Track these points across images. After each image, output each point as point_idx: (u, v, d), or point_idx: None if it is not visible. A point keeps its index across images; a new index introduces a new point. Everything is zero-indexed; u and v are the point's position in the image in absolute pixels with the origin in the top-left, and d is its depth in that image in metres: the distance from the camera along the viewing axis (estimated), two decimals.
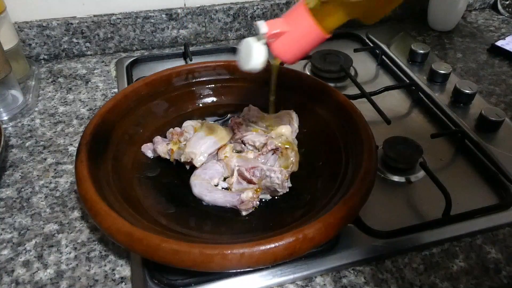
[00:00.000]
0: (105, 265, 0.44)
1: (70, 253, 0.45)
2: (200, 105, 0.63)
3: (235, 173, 0.50)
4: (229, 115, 0.62)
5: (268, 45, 0.35)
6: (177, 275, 0.42)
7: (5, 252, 0.46)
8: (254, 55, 0.35)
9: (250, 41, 0.35)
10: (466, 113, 0.65)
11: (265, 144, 0.52)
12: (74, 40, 0.76)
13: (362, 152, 0.47)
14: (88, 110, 0.66)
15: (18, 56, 0.68)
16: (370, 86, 0.71)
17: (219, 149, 0.53)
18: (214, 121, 0.60)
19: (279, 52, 0.35)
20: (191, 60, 0.74)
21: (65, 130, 0.62)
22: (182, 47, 0.80)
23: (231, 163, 0.51)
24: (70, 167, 0.56)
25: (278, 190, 0.48)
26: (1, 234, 0.47)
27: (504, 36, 0.84)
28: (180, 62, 0.77)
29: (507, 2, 0.95)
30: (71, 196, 0.52)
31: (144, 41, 0.80)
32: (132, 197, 0.48)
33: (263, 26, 0.34)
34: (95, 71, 0.75)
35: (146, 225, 0.43)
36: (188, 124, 0.56)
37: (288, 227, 0.42)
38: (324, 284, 0.43)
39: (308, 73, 0.73)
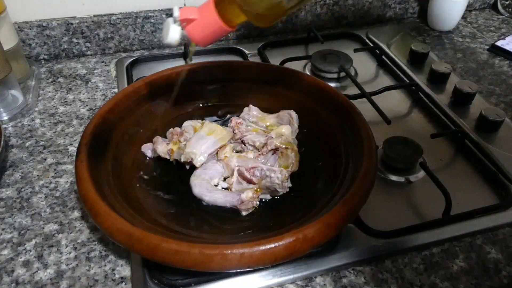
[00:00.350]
0: (105, 265, 0.44)
1: (70, 253, 0.45)
2: (200, 105, 0.63)
3: (235, 173, 0.50)
4: (229, 115, 0.62)
5: (182, 27, 0.40)
6: (177, 275, 0.42)
7: (5, 252, 0.46)
8: (170, 33, 0.41)
9: (169, 21, 0.41)
10: (466, 113, 0.65)
11: (265, 144, 0.52)
12: (74, 40, 0.76)
13: (362, 152, 0.47)
14: (88, 110, 0.66)
15: (18, 56, 0.68)
16: (370, 86, 0.71)
17: (219, 149, 0.53)
18: (214, 121, 0.60)
19: (190, 34, 0.40)
20: (191, 60, 0.74)
21: (65, 130, 0.62)
22: (182, 47, 0.80)
23: (231, 163, 0.51)
24: (70, 167, 0.56)
25: (278, 190, 0.48)
26: (1, 234, 0.47)
27: (504, 36, 0.84)
28: (180, 62, 0.77)
29: (507, 2, 0.95)
30: (71, 196, 0.52)
31: (144, 41, 0.80)
32: (132, 197, 0.48)
33: (175, 10, 0.39)
34: (95, 71, 0.75)
35: (146, 225, 0.43)
36: (188, 124, 0.56)
37: (288, 227, 0.42)
38: (324, 284, 0.43)
39: (308, 73, 0.73)
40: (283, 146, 0.52)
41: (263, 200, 0.49)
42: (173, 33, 0.41)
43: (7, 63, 0.61)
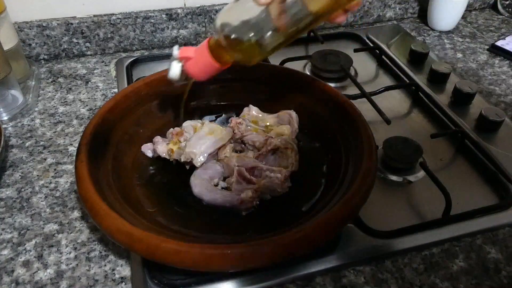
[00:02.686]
0: (105, 265, 0.44)
1: (70, 253, 0.45)
2: (200, 105, 0.63)
3: (235, 173, 0.50)
4: (228, 115, 0.62)
5: (182, 64, 0.46)
6: (177, 275, 0.42)
7: (5, 252, 0.46)
8: (171, 69, 0.47)
9: (172, 59, 0.47)
10: (466, 113, 0.65)
11: (265, 144, 0.52)
12: (74, 40, 0.76)
13: (362, 152, 0.47)
14: (88, 110, 0.66)
15: (18, 56, 0.68)
16: (370, 86, 0.71)
17: (219, 149, 0.53)
18: (214, 121, 0.60)
19: (188, 71, 0.46)
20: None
21: (65, 130, 0.62)
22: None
23: (231, 163, 0.51)
24: (70, 167, 0.56)
25: (278, 190, 0.48)
26: (1, 234, 0.47)
27: (504, 36, 0.84)
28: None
29: (507, 2, 0.95)
30: (71, 196, 0.52)
31: (144, 41, 0.80)
32: (132, 197, 0.48)
33: (175, 50, 0.46)
34: (95, 71, 0.75)
35: (146, 225, 0.43)
36: (188, 124, 0.56)
37: (288, 227, 0.42)
38: (324, 284, 0.43)
39: (308, 73, 0.73)
40: (283, 146, 0.52)
41: (263, 200, 0.49)
42: (174, 69, 0.46)
43: (7, 63, 0.61)
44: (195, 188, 0.49)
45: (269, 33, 0.39)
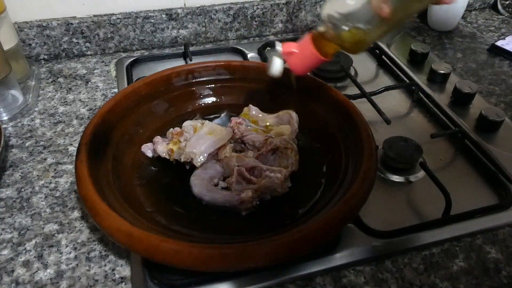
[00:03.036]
0: (105, 265, 0.44)
1: (70, 253, 0.45)
2: (200, 105, 0.63)
3: (235, 173, 0.50)
4: (228, 115, 0.62)
5: (285, 60, 0.48)
6: (177, 275, 0.42)
7: (5, 252, 0.46)
8: (274, 65, 0.49)
9: (273, 55, 0.49)
10: (466, 113, 0.65)
11: (265, 144, 0.52)
12: (74, 40, 0.76)
13: (362, 152, 0.47)
14: (88, 110, 0.66)
15: (18, 56, 0.68)
16: (370, 86, 0.71)
17: (219, 149, 0.53)
18: (214, 121, 0.60)
19: (291, 66, 0.47)
20: (191, 60, 0.74)
21: (65, 130, 0.62)
22: (182, 47, 0.80)
23: (231, 163, 0.51)
24: (70, 167, 0.56)
25: (278, 190, 0.48)
26: (1, 234, 0.47)
27: (504, 36, 0.84)
28: (180, 62, 0.77)
29: (507, 2, 0.95)
30: (71, 196, 0.52)
31: (144, 41, 0.80)
32: (132, 197, 0.48)
33: (278, 46, 0.47)
34: (95, 71, 0.75)
35: (146, 225, 0.43)
36: (188, 124, 0.56)
37: (288, 227, 0.42)
38: (324, 284, 0.43)
39: (308, 73, 0.73)
40: (283, 146, 0.52)
41: (263, 200, 0.49)
42: (276, 65, 0.48)
43: (7, 63, 0.61)
44: (195, 188, 0.49)
45: (375, 21, 0.39)
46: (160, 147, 0.53)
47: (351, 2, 0.40)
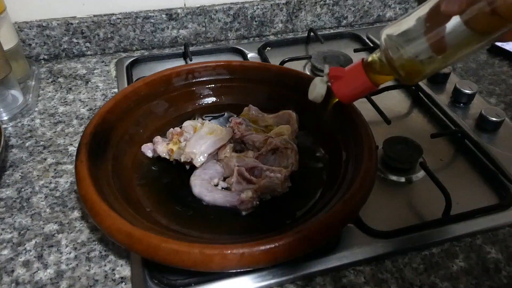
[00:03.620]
0: (105, 265, 0.44)
1: (70, 253, 0.45)
2: (200, 105, 0.63)
3: (235, 173, 0.50)
4: (228, 115, 0.62)
5: (330, 84, 0.46)
6: (177, 275, 0.42)
7: (5, 252, 0.46)
8: (317, 89, 0.47)
9: (317, 79, 0.47)
10: (466, 113, 0.65)
11: (265, 144, 0.52)
12: (74, 40, 0.76)
13: (362, 152, 0.47)
14: (88, 110, 0.66)
15: (18, 56, 0.68)
16: None
17: (219, 149, 0.53)
18: (214, 121, 0.60)
19: (336, 91, 0.45)
20: (191, 60, 0.74)
21: (65, 130, 0.62)
22: (182, 47, 0.80)
23: (231, 163, 0.51)
24: (70, 167, 0.56)
25: (278, 190, 0.48)
26: (1, 234, 0.47)
27: None
28: (180, 62, 0.77)
29: None
30: (71, 196, 0.52)
31: (144, 41, 0.80)
32: (132, 197, 0.48)
33: (326, 68, 0.46)
34: (95, 71, 0.75)
35: (146, 225, 0.43)
36: (188, 124, 0.56)
37: (288, 227, 0.42)
38: (324, 284, 0.43)
39: (308, 73, 0.73)
40: (283, 146, 0.52)
41: (263, 200, 0.49)
42: (320, 89, 0.47)
43: (7, 63, 0.61)
44: (195, 188, 0.49)
45: (433, 53, 0.37)
46: (160, 147, 0.53)
47: (413, 29, 0.37)
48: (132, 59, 0.76)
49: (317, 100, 0.48)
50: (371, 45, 0.82)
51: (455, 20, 0.34)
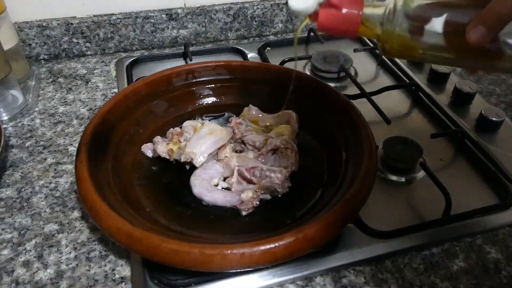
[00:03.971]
0: (105, 265, 0.44)
1: (70, 253, 0.45)
2: (200, 105, 0.63)
3: (235, 173, 0.50)
4: (228, 115, 0.62)
5: (319, 6, 0.39)
6: (177, 275, 0.42)
7: (5, 252, 0.46)
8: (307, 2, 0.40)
9: None
10: (466, 113, 0.65)
11: (265, 144, 0.52)
12: (74, 40, 0.76)
13: (362, 152, 0.47)
14: (88, 110, 0.66)
15: (18, 56, 0.68)
16: (370, 86, 0.71)
17: (219, 149, 0.53)
18: (214, 121, 0.60)
19: (321, 15, 0.39)
20: (191, 60, 0.74)
21: (65, 130, 0.62)
22: (182, 47, 0.80)
23: (231, 163, 0.51)
24: (70, 167, 0.56)
25: (278, 190, 0.48)
26: (1, 234, 0.47)
27: None
28: (180, 62, 0.77)
29: None
30: (71, 196, 0.52)
31: (144, 41, 0.80)
32: (132, 197, 0.48)
33: None
34: (95, 71, 0.75)
35: (146, 225, 0.43)
36: (188, 124, 0.56)
37: (288, 227, 0.42)
38: (324, 284, 0.43)
39: (308, 73, 0.73)
40: (283, 146, 0.52)
41: (263, 200, 0.49)
42: (313, 2, 0.39)
43: (7, 63, 0.61)
44: (195, 188, 0.49)
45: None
46: (160, 147, 0.53)
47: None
48: (132, 59, 0.76)
49: (303, 11, 0.40)
50: (371, 45, 0.82)
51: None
